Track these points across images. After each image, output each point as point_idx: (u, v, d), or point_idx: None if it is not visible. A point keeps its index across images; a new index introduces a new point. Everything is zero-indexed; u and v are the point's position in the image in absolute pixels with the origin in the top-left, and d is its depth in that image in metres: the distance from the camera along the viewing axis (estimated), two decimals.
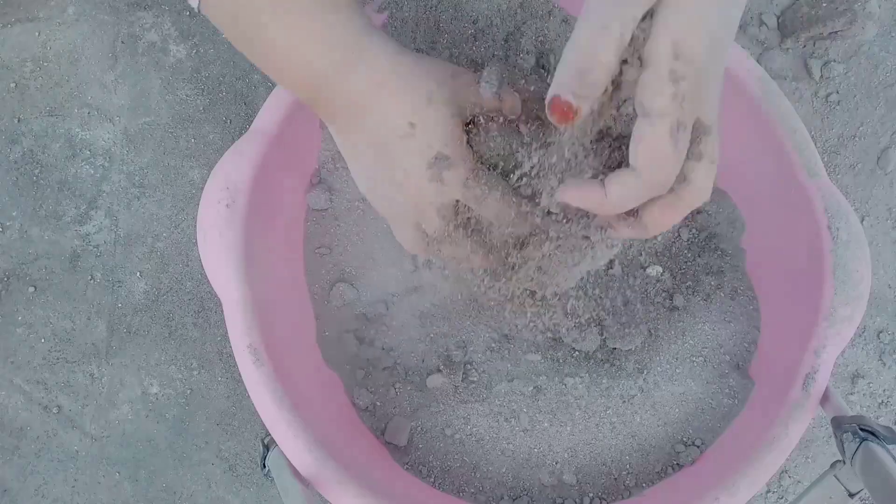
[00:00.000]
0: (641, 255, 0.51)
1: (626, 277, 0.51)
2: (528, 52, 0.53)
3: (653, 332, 0.51)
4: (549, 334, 0.50)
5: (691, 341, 0.50)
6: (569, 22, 0.53)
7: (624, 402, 0.49)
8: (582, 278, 0.50)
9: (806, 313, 0.46)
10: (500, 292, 0.42)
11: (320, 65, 0.36)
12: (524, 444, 0.49)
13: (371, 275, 0.53)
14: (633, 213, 0.33)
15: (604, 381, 0.49)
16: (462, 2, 0.52)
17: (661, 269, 0.52)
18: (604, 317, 0.50)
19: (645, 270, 0.51)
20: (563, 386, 0.49)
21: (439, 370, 0.51)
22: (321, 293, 0.52)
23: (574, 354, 0.50)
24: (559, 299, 0.49)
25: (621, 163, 0.33)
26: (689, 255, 0.53)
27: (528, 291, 0.42)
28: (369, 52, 0.36)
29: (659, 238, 0.53)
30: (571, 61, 0.30)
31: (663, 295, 0.52)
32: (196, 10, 0.37)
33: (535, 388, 0.49)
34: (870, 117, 0.69)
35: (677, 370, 0.50)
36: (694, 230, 0.54)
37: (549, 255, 0.37)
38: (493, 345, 0.51)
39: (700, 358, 0.50)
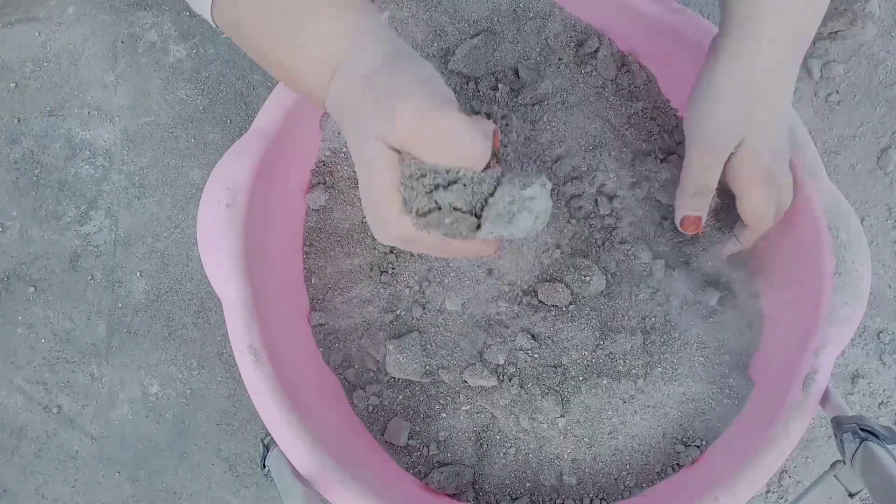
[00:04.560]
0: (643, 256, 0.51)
1: (630, 282, 0.51)
2: (528, 57, 0.53)
3: (651, 332, 0.51)
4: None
5: (691, 341, 0.50)
6: (567, 23, 0.53)
7: (624, 402, 0.49)
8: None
9: (806, 313, 0.46)
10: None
11: (310, 81, 0.36)
12: (524, 445, 0.49)
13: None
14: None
15: (604, 381, 0.49)
16: (462, 2, 0.52)
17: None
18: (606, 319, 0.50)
19: (651, 274, 0.51)
20: (563, 386, 0.49)
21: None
22: (321, 293, 0.52)
23: (573, 354, 0.50)
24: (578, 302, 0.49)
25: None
26: (689, 256, 0.53)
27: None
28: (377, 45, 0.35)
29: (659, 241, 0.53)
30: (690, 189, 0.45)
31: (664, 297, 0.52)
32: (211, 22, 0.36)
33: (534, 388, 0.49)
34: (870, 117, 0.69)
35: (677, 370, 0.50)
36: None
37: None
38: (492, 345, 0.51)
39: (700, 358, 0.50)
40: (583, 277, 0.50)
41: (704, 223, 0.45)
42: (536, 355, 0.49)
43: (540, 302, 0.50)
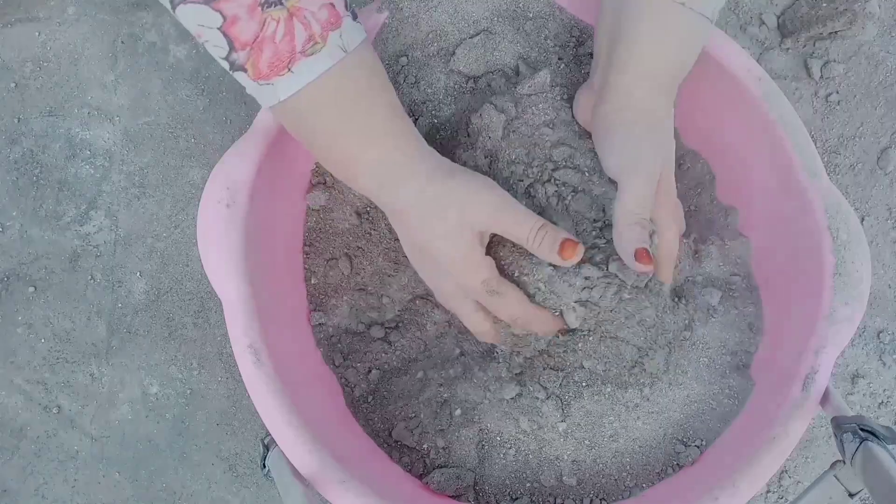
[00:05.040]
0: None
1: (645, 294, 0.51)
2: (528, 58, 0.53)
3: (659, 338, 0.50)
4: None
5: (697, 344, 0.50)
6: (567, 23, 0.53)
7: (628, 409, 0.48)
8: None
9: (806, 313, 0.46)
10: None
11: (371, 185, 0.43)
12: (524, 446, 0.49)
13: (371, 275, 0.53)
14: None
15: (608, 388, 0.48)
16: (462, 2, 0.52)
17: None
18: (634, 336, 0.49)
19: (662, 286, 0.51)
20: (565, 389, 0.49)
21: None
22: (321, 293, 0.52)
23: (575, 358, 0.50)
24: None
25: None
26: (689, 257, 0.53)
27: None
28: (418, 173, 0.42)
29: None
30: (631, 220, 0.43)
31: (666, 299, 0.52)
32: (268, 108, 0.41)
33: (535, 391, 0.49)
34: (870, 117, 0.69)
35: (686, 374, 0.49)
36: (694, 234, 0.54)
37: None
38: (495, 350, 0.51)
39: (704, 359, 0.50)
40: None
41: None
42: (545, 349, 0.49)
43: None
